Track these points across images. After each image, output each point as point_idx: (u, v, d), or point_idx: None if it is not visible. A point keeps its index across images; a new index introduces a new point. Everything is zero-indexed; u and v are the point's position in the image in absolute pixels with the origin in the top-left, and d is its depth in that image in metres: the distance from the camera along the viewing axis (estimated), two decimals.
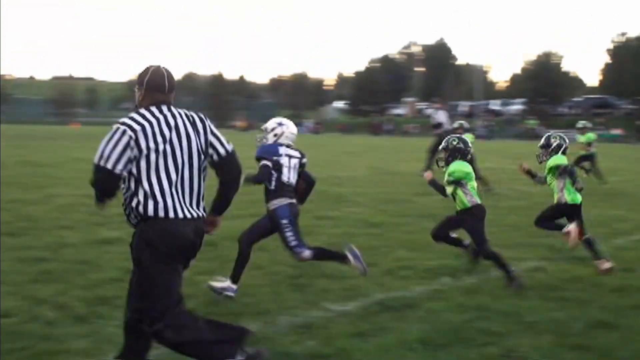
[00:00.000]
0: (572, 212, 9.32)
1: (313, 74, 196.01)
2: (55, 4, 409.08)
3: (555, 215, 9.53)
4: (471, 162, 8.95)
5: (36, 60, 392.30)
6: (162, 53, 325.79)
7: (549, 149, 9.63)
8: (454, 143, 8.93)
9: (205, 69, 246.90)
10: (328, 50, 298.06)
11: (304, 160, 7.87)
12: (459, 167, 8.73)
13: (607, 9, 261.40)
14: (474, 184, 8.77)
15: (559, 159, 9.44)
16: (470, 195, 8.69)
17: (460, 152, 8.87)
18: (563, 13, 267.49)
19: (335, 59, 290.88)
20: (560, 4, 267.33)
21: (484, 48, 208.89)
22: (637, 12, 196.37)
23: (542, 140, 9.80)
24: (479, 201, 8.74)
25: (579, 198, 9.34)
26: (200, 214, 4.88)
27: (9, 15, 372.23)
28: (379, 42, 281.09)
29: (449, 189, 8.73)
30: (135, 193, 4.70)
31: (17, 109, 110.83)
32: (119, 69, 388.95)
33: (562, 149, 9.57)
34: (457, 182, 8.67)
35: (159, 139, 4.69)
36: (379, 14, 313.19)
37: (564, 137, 9.76)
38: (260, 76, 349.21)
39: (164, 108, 4.83)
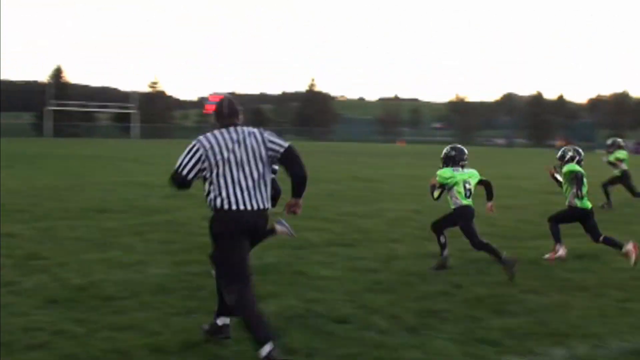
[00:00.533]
0: (583, 216, 10.36)
1: (635, 93, 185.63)
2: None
3: (566, 218, 10.59)
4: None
5: (366, 82, 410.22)
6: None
7: (564, 160, 10.67)
8: (447, 152, 9.97)
9: (524, 90, 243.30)
10: None
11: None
12: (441, 172, 9.78)
13: None
14: (460, 188, 9.66)
15: (573, 167, 10.41)
16: (455, 198, 9.72)
17: (451, 160, 9.88)
18: None
19: None
20: None
21: None
22: None
23: (560, 152, 10.91)
24: (463, 203, 9.67)
25: (589, 204, 10.36)
26: (261, 206, 6.09)
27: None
28: None
29: (435, 193, 9.90)
30: (210, 192, 6.07)
31: (348, 128, 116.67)
32: (442, 89, 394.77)
33: (575, 160, 10.58)
34: (443, 186, 9.76)
35: (224, 151, 6.02)
36: None
37: (579, 150, 10.80)
38: (579, 96, 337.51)
39: (231, 128, 6.19)
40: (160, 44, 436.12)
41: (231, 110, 6.32)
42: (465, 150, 9.99)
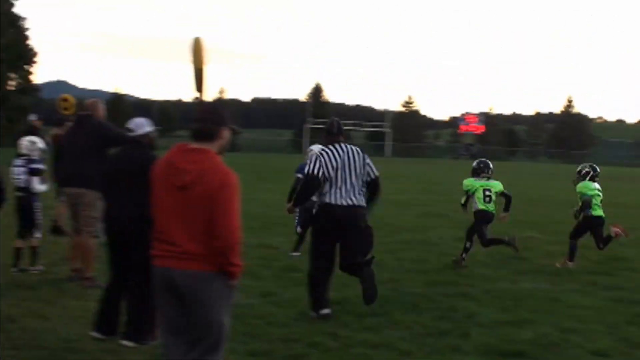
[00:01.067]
0: (597, 223, 11.73)
1: None
2: None
3: (586, 227, 11.77)
4: None
5: (625, 103, 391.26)
6: None
7: (580, 175, 11.97)
8: (474, 165, 11.84)
9: None
10: None
11: None
12: (465, 182, 11.65)
13: None
14: (480, 194, 11.33)
15: (582, 187, 11.75)
16: (475, 204, 11.41)
17: (475, 172, 11.70)
18: None
19: None
20: None
21: None
22: None
23: (579, 167, 12.27)
24: (479, 208, 11.33)
25: (602, 213, 11.75)
26: (356, 203, 7.85)
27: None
28: None
29: (462, 199, 11.82)
30: (323, 190, 7.87)
31: (605, 151, 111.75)
32: None
33: (589, 176, 11.86)
34: (467, 193, 11.56)
35: (334, 161, 7.84)
36: None
37: (595, 166, 12.07)
38: None
39: (336, 144, 7.99)
40: (414, 64, 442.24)
41: (339, 129, 8.16)
42: (490, 164, 11.79)
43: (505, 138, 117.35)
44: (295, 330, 7.28)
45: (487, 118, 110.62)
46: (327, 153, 7.89)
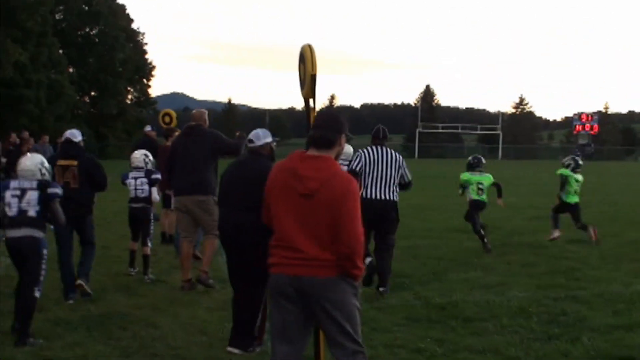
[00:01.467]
0: (570, 208, 13.54)
1: None
2: None
3: (560, 209, 13.62)
4: None
5: None
6: None
7: (564, 166, 13.59)
8: (469, 160, 13.42)
9: None
10: None
11: None
12: (462, 175, 13.12)
13: None
14: (474, 187, 12.80)
15: (562, 171, 13.55)
16: (469, 194, 12.89)
17: (470, 166, 13.16)
18: None
19: None
20: None
21: None
22: None
23: (564, 159, 14.00)
24: (473, 198, 12.79)
25: (575, 199, 13.45)
26: (389, 198, 9.18)
27: None
28: None
29: (460, 191, 13.32)
30: (361, 184, 9.06)
31: None
32: None
33: (570, 167, 13.52)
34: (463, 185, 13.05)
35: (372, 159, 9.23)
36: None
37: (577, 159, 13.79)
38: None
39: (379, 146, 9.35)
40: (528, 64, 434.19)
41: (384, 135, 9.44)
42: (483, 159, 13.41)
43: (622, 137, 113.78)
44: (399, 335, 7.23)
45: (602, 117, 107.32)
46: (367, 151, 9.33)
